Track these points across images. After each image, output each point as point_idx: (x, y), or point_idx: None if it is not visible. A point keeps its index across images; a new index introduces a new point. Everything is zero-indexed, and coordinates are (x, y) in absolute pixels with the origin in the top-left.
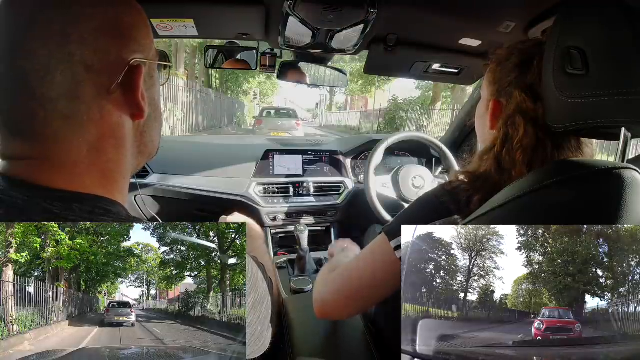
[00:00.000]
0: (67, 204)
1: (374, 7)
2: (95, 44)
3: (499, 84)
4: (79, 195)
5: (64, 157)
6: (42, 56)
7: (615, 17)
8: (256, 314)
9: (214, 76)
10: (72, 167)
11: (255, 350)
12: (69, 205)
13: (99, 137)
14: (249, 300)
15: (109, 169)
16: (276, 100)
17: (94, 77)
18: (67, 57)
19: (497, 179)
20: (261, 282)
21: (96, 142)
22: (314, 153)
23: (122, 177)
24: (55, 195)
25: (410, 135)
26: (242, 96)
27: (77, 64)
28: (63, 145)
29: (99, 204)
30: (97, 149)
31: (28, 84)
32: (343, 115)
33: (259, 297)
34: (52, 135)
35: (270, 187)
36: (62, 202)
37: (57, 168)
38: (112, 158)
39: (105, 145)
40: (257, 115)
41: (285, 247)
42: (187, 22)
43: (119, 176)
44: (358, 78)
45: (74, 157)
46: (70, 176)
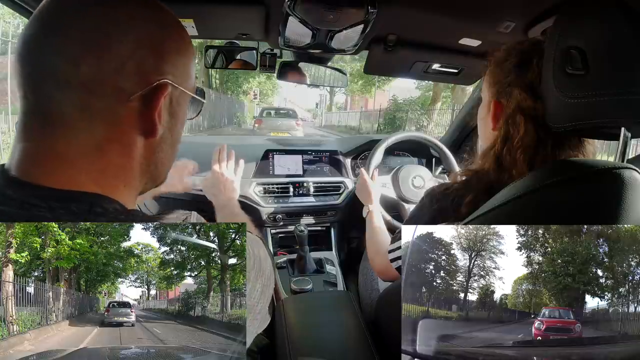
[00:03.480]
0: (64, 202)
1: (374, 7)
2: (132, 51)
3: (499, 85)
4: (77, 194)
5: (70, 150)
6: (77, 43)
7: (615, 17)
8: (266, 296)
9: (213, 76)
10: (74, 163)
11: (258, 324)
12: (66, 204)
13: (108, 139)
14: (257, 286)
15: (109, 173)
16: (276, 100)
17: (120, 79)
18: (100, 51)
19: (494, 178)
20: (265, 262)
21: (103, 143)
22: (314, 153)
23: (124, 185)
24: (51, 194)
25: (410, 135)
26: (242, 96)
27: (107, 61)
28: (72, 139)
29: (98, 201)
30: (102, 149)
31: (56, 69)
32: (343, 116)
33: (266, 280)
34: (62, 126)
35: (270, 187)
36: (59, 201)
37: (61, 162)
38: (114, 162)
39: (111, 148)
40: (257, 115)
41: (285, 247)
42: (187, 22)
43: (119, 182)
44: (358, 78)
45: (79, 153)
46: (70, 172)
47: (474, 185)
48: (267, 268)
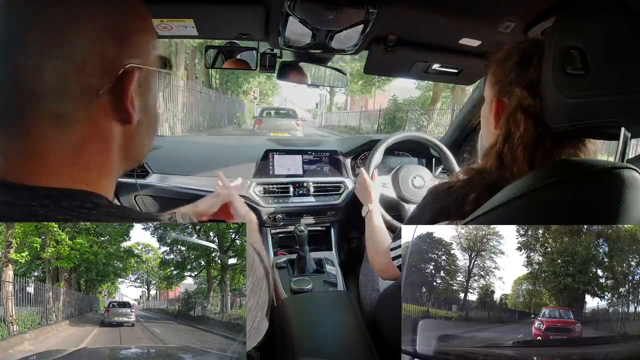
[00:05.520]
0: (54, 200)
1: (374, 7)
2: (91, 45)
3: (501, 84)
4: (66, 191)
5: (48, 154)
6: (34, 53)
7: (615, 17)
8: (255, 298)
9: (213, 76)
10: (55, 165)
11: (254, 339)
12: (57, 202)
13: (85, 138)
14: (248, 284)
15: (92, 170)
16: (276, 101)
17: (85, 77)
18: (59, 55)
19: (495, 177)
20: (258, 265)
21: (81, 142)
22: (314, 153)
23: (106, 179)
24: (41, 194)
25: (410, 135)
26: (242, 96)
27: (69, 63)
28: (48, 143)
29: (88, 197)
30: (82, 149)
31: (18, 80)
32: (343, 116)
33: (257, 281)
34: (37, 132)
35: (270, 187)
36: (49, 200)
37: (41, 166)
38: (95, 159)
39: (90, 146)
40: (257, 115)
41: (285, 247)
42: (187, 22)
43: (102, 177)
44: (358, 78)
45: (58, 156)
46: (52, 174)
47: (477, 183)
48: (258, 269)
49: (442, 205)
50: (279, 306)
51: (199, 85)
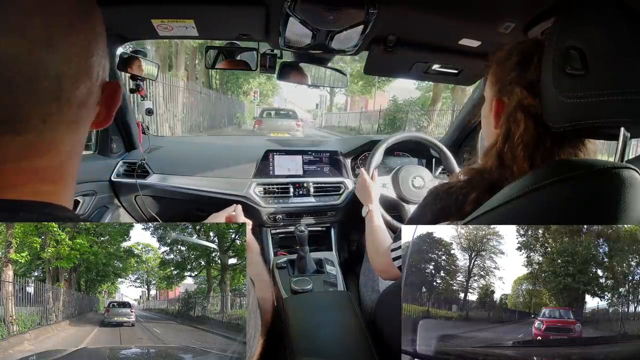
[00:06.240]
0: (11, 213)
1: (374, 7)
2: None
3: (501, 84)
4: (24, 203)
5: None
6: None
7: (615, 17)
8: (252, 323)
9: (214, 77)
10: (11, 177)
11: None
12: (13, 215)
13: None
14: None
15: (48, 180)
16: (276, 101)
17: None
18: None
19: (496, 176)
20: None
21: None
22: (314, 153)
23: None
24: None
25: (410, 135)
26: (242, 97)
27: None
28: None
29: (46, 209)
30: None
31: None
32: (343, 116)
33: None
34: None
35: (270, 187)
36: (6, 212)
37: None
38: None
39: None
40: (257, 116)
41: (285, 247)
42: (187, 23)
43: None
44: (358, 79)
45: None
46: (8, 187)
47: (477, 183)
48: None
49: (443, 205)
50: (279, 306)
51: (199, 85)
